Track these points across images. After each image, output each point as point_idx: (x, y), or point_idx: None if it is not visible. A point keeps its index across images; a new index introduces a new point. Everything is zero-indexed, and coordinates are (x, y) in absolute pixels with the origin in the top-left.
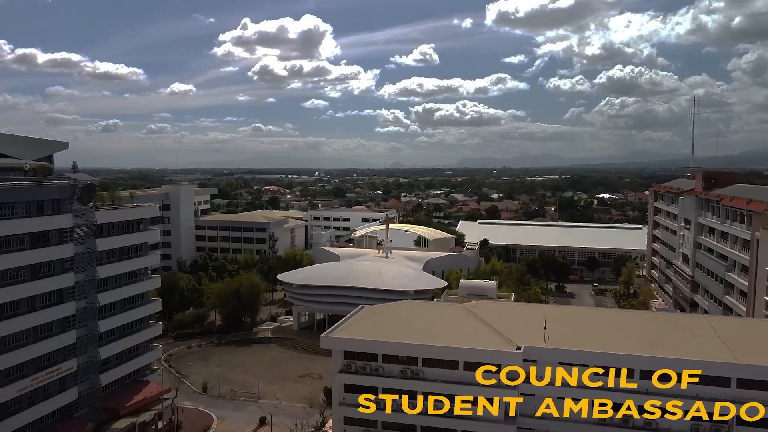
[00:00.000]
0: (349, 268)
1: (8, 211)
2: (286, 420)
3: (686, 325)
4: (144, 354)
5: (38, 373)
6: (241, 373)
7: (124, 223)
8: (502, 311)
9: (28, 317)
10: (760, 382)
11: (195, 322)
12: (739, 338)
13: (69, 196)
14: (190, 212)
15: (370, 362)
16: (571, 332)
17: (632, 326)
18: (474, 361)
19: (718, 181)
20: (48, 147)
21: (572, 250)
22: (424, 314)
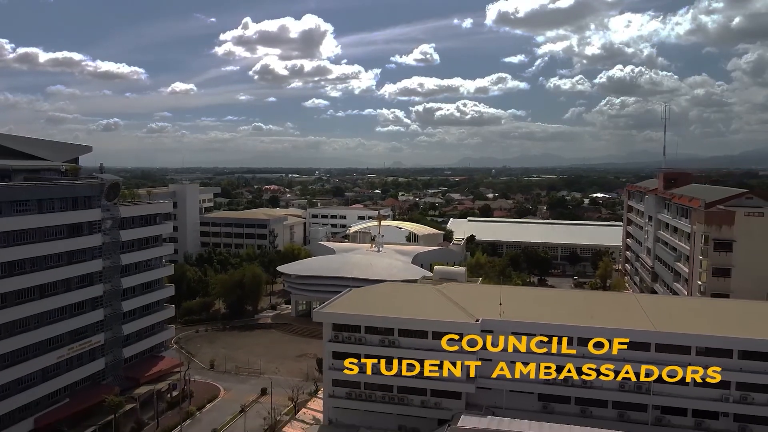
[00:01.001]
0: (343, 261)
1: (49, 206)
2: (284, 390)
3: (619, 301)
4: (159, 333)
5: (73, 343)
6: (244, 353)
7: (143, 217)
8: (467, 291)
9: (67, 295)
10: (673, 346)
11: (201, 310)
12: (660, 312)
13: (98, 193)
14: (195, 210)
15: (354, 333)
16: (523, 307)
17: (575, 303)
18: (440, 331)
19: (677, 181)
20: (75, 150)
21: (555, 246)
22: (401, 294)
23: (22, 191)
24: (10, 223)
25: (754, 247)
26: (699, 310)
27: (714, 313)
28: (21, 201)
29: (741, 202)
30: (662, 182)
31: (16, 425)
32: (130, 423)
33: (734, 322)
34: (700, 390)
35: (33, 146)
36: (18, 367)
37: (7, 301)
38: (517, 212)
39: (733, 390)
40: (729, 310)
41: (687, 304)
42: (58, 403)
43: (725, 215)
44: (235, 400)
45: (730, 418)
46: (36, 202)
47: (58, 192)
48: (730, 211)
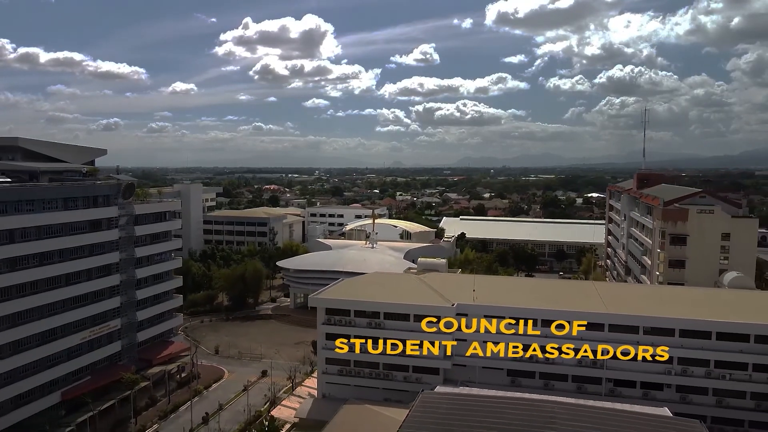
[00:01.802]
0: (339, 256)
1: (73, 204)
2: (283, 372)
3: (579, 289)
4: (169, 320)
5: (94, 327)
6: (246, 340)
7: (154, 215)
8: (446, 280)
9: (88, 284)
10: (623, 326)
11: (206, 302)
12: (614, 297)
13: (115, 193)
14: (198, 208)
15: (345, 316)
16: (495, 294)
17: (541, 290)
18: (420, 314)
19: (649, 181)
20: (91, 153)
21: (543, 244)
22: (387, 282)
23: (51, 191)
24: (41, 218)
25: (704, 241)
26: (649, 296)
27: (662, 298)
28: (49, 199)
29: (695, 200)
30: (636, 183)
31: (45, 397)
32: (144, 399)
33: (678, 305)
34: (647, 365)
35: (55, 150)
36: (47, 346)
37: (38, 287)
38: (510, 211)
39: (675, 364)
40: (675, 295)
41: (638, 290)
42: (81, 380)
43: (680, 212)
44: (239, 381)
45: (672, 389)
46: (62, 200)
47: (81, 191)
48: (684, 209)
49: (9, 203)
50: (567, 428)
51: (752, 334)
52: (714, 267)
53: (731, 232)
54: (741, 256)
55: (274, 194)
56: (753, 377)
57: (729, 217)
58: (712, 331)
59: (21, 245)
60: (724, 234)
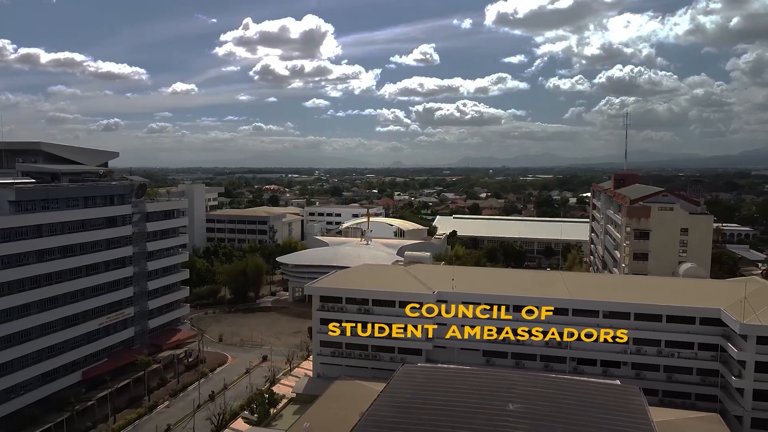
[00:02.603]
0: (334, 252)
1: (92, 202)
2: (282, 357)
3: (548, 278)
4: (177, 309)
5: (110, 314)
6: (248, 330)
7: (164, 212)
8: (429, 271)
9: (105, 275)
10: (585, 310)
11: (209, 296)
12: (579, 286)
13: (129, 192)
14: (202, 208)
15: (337, 303)
16: (472, 283)
17: (514, 279)
18: (404, 300)
19: (625, 181)
20: (105, 156)
21: (532, 241)
22: (376, 273)
23: (73, 191)
24: (65, 215)
25: (665, 235)
26: (610, 284)
27: (621, 286)
28: (71, 198)
29: (658, 199)
30: (613, 182)
31: (68, 375)
32: (155, 379)
33: (635, 292)
34: (607, 345)
35: (74, 153)
36: (70, 329)
37: (62, 277)
38: (505, 211)
39: (631, 344)
40: (633, 283)
41: (601, 279)
42: (99, 361)
43: (643, 210)
44: (241, 365)
45: (629, 366)
46: (83, 199)
47: (99, 191)
48: (647, 207)
49: (37, 201)
50: (524, 391)
51: (698, 316)
52: (674, 259)
53: (689, 227)
54: (697, 248)
55: (274, 194)
56: (698, 355)
57: (687, 214)
58: (663, 315)
59: (48, 239)
60: (683, 229)
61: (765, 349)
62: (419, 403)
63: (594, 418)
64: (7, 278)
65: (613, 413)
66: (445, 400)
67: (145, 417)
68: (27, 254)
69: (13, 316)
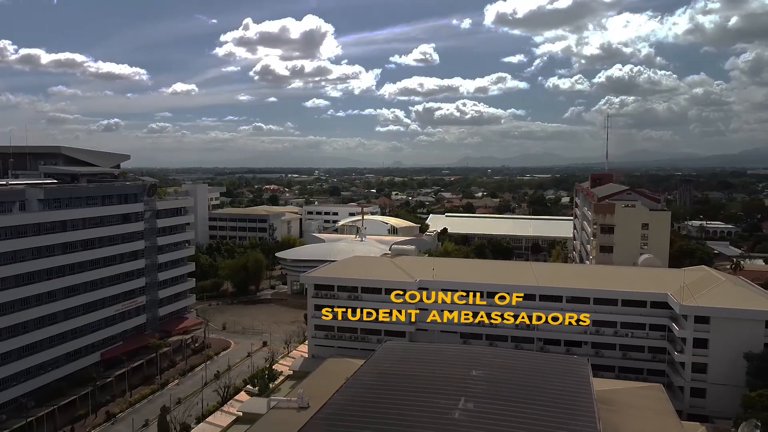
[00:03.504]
0: (330, 248)
1: (109, 201)
2: (281, 342)
3: (519, 268)
4: (184, 299)
5: (125, 301)
6: (249, 319)
7: (172, 210)
8: (413, 262)
9: (121, 266)
10: (550, 296)
11: (212, 289)
12: (546, 275)
13: (141, 192)
14: (205, 207)
15: (329, 291)
16: (451, 272)
17: (489, 269)
18: (390, 288)
19: (601, 180)
20: (118, 158)
21: (520, 238)
22: (365, 264)
23: (92, 190)
24: (86, 212)
25: (628, 230)
26: (575, 273)
27: (585, 274)
28: (91, 197)
29: (622, 197)
30: (590, 182)
31: (89, 356)
32: (166, 361)
33: (596, 280)
34: (570, 327)
35: (90, 156)
36: (90, 314)
37: (83, 268)
38: (498, 210)
39: (591, 326)
40: (595, 272)
41: (567, 269)
42: (115, 344)
43: (608, 207)
44: (243, 350)
45: (589, 346)
46: (101, 197)
47: (115, 190)
48: (612, 204)
49: (62, 200)
50: (487, 362)
51: (648, 300)
52: (636, 251)
53: (649, 222)
54: (656, 241)
55: (273, 194)
56: (649, 335)
57: (647, 210)
58: (618, 299)
59: (72, 233)
60: (644, 224)
61: (702, 327)
62: (396, 371)
63: (543, 381)
64: (38, 267)
65: (560, 379)
66: (419, 369)
67: (158, 393)
68: (53, 246)
69: (42, 301)
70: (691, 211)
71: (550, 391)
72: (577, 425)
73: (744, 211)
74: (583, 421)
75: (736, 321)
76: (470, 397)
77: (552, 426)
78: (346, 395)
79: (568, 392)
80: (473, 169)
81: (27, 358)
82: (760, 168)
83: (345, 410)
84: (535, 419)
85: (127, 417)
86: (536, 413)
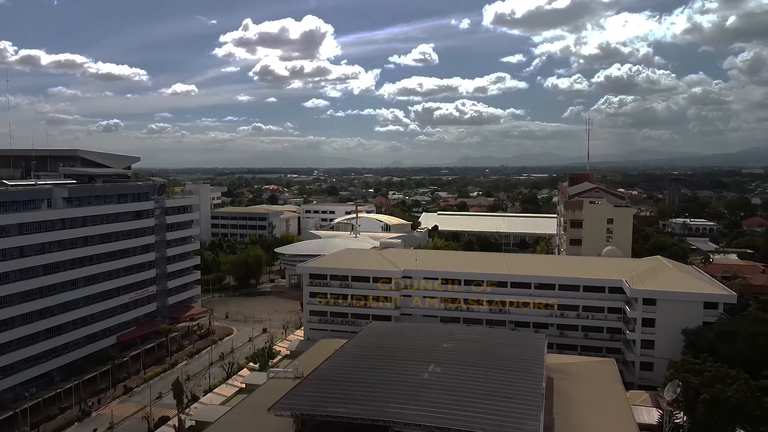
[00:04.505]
0: (326, 243)
1: (123, 199)
2: (279, 328)
3: (494, 259)
4: (190, 289)
5: (138, 290)
6: (250, 309)
7: (179, 207)
8: (398, 253)
9: (134, 258)
10: (520, 283)
11: (215, 282)
12: (517, 264)
13: (152, 191)
14: (207, 205)
15: (323, 280)
16: (433, 262)
17: (467, 260)
18: (377, 276)
19: (579, 180)
20: (129, 160)
21: (508, 235)
22: (355, 256)
23: (109, 189)
24: (105, 209)
25: (594, 224)
26: (543, 263)
27: (552, 264)
28: (108, 195)
29: (590, 194)
30: (568, 181)
31: (106, 338)
32: (175, 344)
33: (562, 268)
34: (538, 310)
35: (105, 158)
36: (108, 301)
37: (101, 259)
38: (491, 208)
39: (556, 309)
40: (562, 262)
41: (537, 259)
42: (129, 328)
43: (577, 203)
44: (245, 335)
45: (554, 327)
46: (116, 196)
47: (128, 189)
48: (580, 201)
49: (83, 198)
50: (459, 337)
51: (606, 286)
52: (602, 243)
53: (614, 217)
54: (620, 234)
55: (273, 194)
56: (607, 317)
57: (612, 206)
58: (580, 285)
59: (91, 228)
60: (609, 219)
61: (649, 308)
62: (378, 344)
63: (503, 351)
64: (62, 258)
65: (518, 350)
66: (398, 343)
67: (169, 371)
68: (76, 240)
69: (66, 288)
70: (678, 209)
71: (507, 359)
72: (525, 384)
73: (728, 209)
74: (531, 381)
75: (678, 302)
76: (439, 363)
77: (504, 384)
78: (333, 363)
79: (522, 359)
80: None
81: (53, 338)
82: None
83: (331, 374)
84: (490, 379)
85: (142, 391)
86: (492, 375)
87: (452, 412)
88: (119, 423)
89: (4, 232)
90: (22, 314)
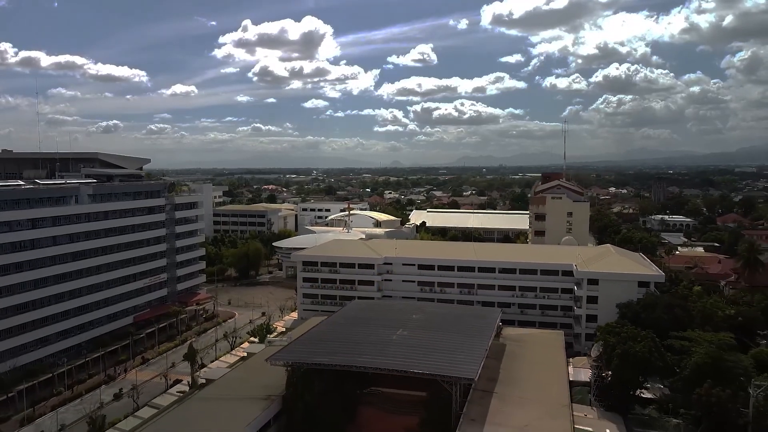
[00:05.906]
0: (320, 237)
1: (138, 196)
2: (277, 311)
3: (464, 247)
4: (196, 278)
5: (151, 276)
6: (250, 297)
7: (187, 203)
8: (381, 243)
9: (149, 248)
10: (485, 268)
11: (218, 274)
12: (484, 252)
13: (163, 189)
14: (209, 204)
15: (314, 266)
16: (411, 251)
17: (441, 249)
18: (361, 263)
19: (550, 178)
20: (141, 161)
21: (493, 230)
22: (343, 245)
23: (126, 187)
24: (123, 205)
25: (555, 217)
26: (507, 251)
27: (516, 252)
28: (125, 193)
29: (553, 191)
30: (542, 180)
31: (124, 318)
32: (184, 325)
33: (523, 255)
34: (501, 292)
35: (120, 160)
36: (125, 285)
37: (121, 249)
38: (482, 207)
39: (517, 291)
40: (523, 250)
41: (502, 247)
42: (144, 310)
43: (540, 199)
44: (246, 317)
45: (516, 306)
46: (132, 193)
47: (142, 188)
48: (544, 197)
49: (104, 195)
50: (427, 311)
51: (560, 270)
52: (562, 234)
53: (573, 211)
54: (579, 226)
55: (272, 193)
56: (561, 297)
57: (571, 201)
58: (538, 269)
59: (112, 221)
60: (569, 212)
61: (593, 288)
62: (359, 315)
63: (462, 321)
64: (90, 247)
65: (475, 320)
66: (375, 314)
67: (180, 346)
68: (99, 231)
69: (91, 273)
70: (659, 207)
71: (464, 326)
72: (474, 343)
73: (707, 206)
74: (480, 341)
75: (616, 282)
76: (407, 328)
77: (457, 343)
78: (319, 329)
79: (477, 327)
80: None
81: (80, 316)
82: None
83: (317, 336)
84: (446, 340)
85: (158, 362)
86: (449, 337)
87: (409, 360)
88: (140, 385)
89: (40, 224)
90: (56, 294)
